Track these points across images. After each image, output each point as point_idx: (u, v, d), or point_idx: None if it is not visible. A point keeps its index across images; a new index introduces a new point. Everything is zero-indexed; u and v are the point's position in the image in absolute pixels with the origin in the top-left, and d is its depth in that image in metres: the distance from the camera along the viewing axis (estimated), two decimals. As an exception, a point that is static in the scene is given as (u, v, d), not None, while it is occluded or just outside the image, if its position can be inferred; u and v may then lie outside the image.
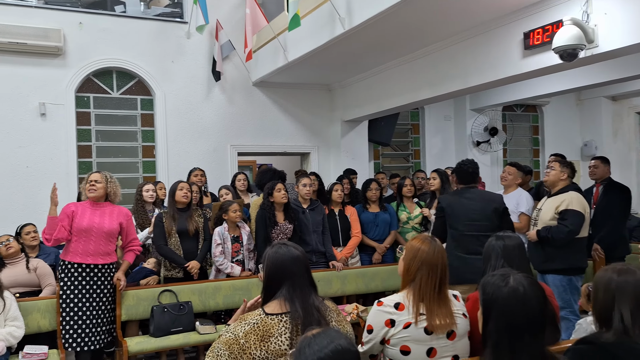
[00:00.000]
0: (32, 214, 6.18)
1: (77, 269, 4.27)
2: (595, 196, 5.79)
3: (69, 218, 4.27)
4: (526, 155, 10.19)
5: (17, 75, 6.49)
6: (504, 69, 5.17)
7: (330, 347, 1.61)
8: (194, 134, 7.41)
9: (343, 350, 1.61)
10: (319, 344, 1.62)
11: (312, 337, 1.66)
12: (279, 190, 5.12)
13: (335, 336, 1.66)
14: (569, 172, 4.70)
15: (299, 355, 1.64)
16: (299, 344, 1.68)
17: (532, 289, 1.81)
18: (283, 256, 2.30)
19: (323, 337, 1.65)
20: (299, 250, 2.36)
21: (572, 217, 4.42)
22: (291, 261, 2.29)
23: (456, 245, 4.35)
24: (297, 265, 2.29)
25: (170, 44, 7.28)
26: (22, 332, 4.12)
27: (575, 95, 10.09)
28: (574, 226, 4.42)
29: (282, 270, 2.28)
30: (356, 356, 1.65)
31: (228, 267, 5.03)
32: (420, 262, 2.46)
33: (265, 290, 2.32)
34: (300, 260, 2.31)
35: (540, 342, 1.76)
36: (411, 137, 9.37)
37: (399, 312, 2.41)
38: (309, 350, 1.62)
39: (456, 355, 2.45)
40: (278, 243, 2.40)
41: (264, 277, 2.36)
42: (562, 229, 4.43)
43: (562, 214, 4.47)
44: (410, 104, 6.75)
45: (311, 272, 2.37)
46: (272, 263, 2.32)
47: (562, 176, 4.67)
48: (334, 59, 6.48)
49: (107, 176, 4.44)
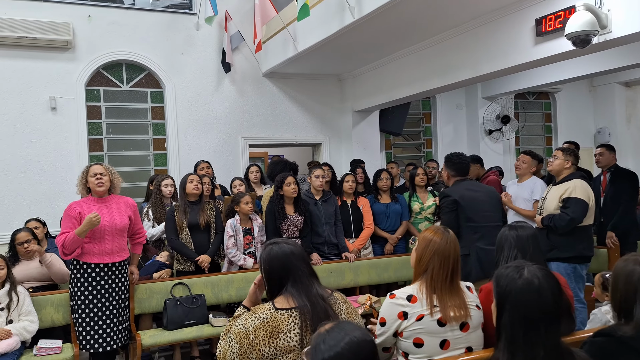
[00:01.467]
0: (44, 209, 6.26)
1: (95, 269, 4.12)
2: (603, 184, 5.75)
3: (77, 220, 4.01)
4: (539, 143, 10.09)
5: (27, 69, 6.51)
6: (515, 57, 5.10)
7: (346, 340, 1.60)
8: (204, 126, 7.41)
9: (359, 341, 1.61)
10: (334, 339, 1.61)
11: (326, 332, 1.65)
12: (289, 184, 5.09)
13: (349, 329, 1.65)
14: (572, 159, 4.68)
15: (314, 353, 1.63)
16: (314, 341, 1.67)
17: (547, 281, 1.78)
18: (277, 254, 2.31)
19: (337, 331, 1.64)
20: (292, 244, 2.37)
21: (574, 204, 4.41)
22: (286, 257, 2.29)
23: (480, 237, 4.26)
24: (294, 260, 2.29)
25: (179, 35, 7.27)
26: (36, 326, 4.13)
27: (588, 82, 9.97)
28: (576, 214, 4.40)
29: (280, 268, 2.29)
30: (372, 346, 1.64)
31: (240, 259, 5.03)
32: (433, 253, 2.45)
33: (269, 289, 2.34)
34: (295, 254, 2.31)
35: (556, 335, 1.73)
36: (423, 127, 9.32)
37: (411, 305, 2.40)
38: (324, 346, 1.61)
39: (469, 347, 2.44)
40: (269, 242, 2.40)
41: (263, 278, 2.36)
42: (564, 217, 4.43)
43: (565, 201, 4.47)
44: (422, 93, 6.69)
45: (310, 263, 2.38)
46: (268, 263, 2.33)
47: (566, 164, 4.65)
48: (344, 48, 6.43)
49: (109, 168, 4.24)
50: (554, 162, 4.70)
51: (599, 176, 5.88)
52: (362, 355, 1.60)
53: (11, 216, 6.26)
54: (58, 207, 6.30)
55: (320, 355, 1.60)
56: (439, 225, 2.63)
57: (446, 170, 4.59)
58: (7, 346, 3.83)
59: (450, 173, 4.55)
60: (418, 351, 2.38)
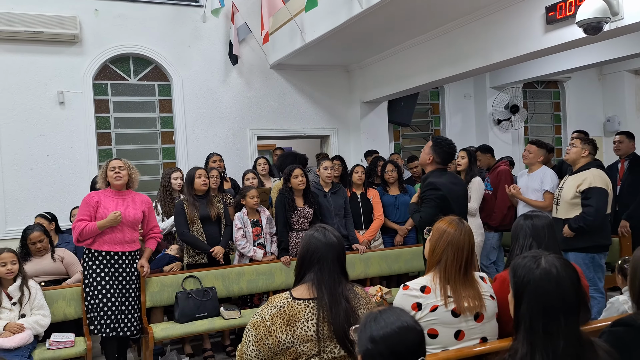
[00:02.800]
0: (54, 203, 6.27)
1: (105, 256, 4.29)
2: (620, 172, 5.69)
3: (94, 209, 4.25)
4: (548, 132, 10.03)
5: (35, 64, 6.52)
6: (525, 45, 5.05)
7: (397, 323, 1.63)
8: (212, 119, 7.40)
9: (409, 327, 1.63)
10: (385, 320, 1.64)
11: (379, 312, 1.68)
12: (296, 176, 5.08)
13: (401, 314, 1.68)
14: (590, 149, 4.58)
15: (363, 329, 1.65)
16: (364, 319, 1.69)
17: (566, 270, 1.76)
18: (317, 240, 2.27)
19: (390, 313, 1.67)
20: (336, 236, 2.31)
21: (595, 195, 4.33)
22: (324, 246, 2.25)
23: None
24: (330, 251, 2.25)
25: (186, 28, 7.24)
26: (49, 320, 4.16)
27: (597, 70, 9.88)
28: (599, 204, 4.33)
29: (313, 254, 2.26)
30: (421, 335, 1.67)
31: (250, 251, 5.03)
32: (446, 244, 2.43)
33: (297, 272, 2.32)
34: (333, 246, 2.27)
35: (575, 324, 1.71)
36: (431, 117, 9.27)
37: (425, 295, 2.38)
38: (375, 325, 1.64)
39: (484, 337, 2.42)
40: (318, 226, 2.36)
41: (297, 257, 2.34)
42: (589, 211, 4.33)
43: (585, 192, 4.37)
44: (430, 84, 6.65)
45: (345, 260, 2.32)
46: (305, 245, 2.30)
47: (583, 153, 4.56)
48: (352, 39, 6.40)
49: (128, 163, 4.46)
50: (571, 150, 4.61)
51: (615, 164, 5.81)
52: (409, 341, 1.62)
53: (21, 210, 6.30)
54: (67, 201, 6.32)
55: (369, 332, 1.63)
56: (453, 217, 2.60)
57: (431, 154, 4.15)
58: (20, 340, 3.84)
59: (436, 159, 4.14)
60: (433, 342, 2.37)
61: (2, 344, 3.76)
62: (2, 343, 3.77)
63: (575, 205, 4.45)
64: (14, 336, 3.85)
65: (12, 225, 6.29)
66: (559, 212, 4.60)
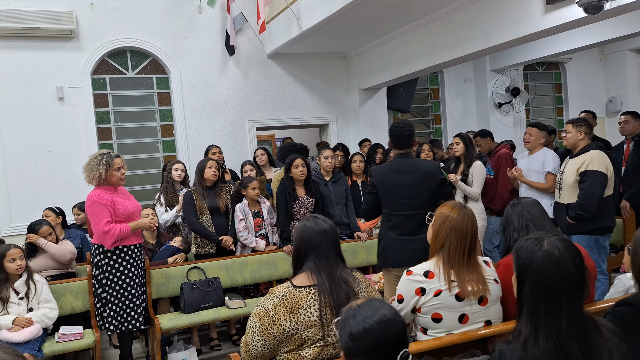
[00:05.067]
0: (57, 199, 6.28)
1: (128, 251, 4.25)
2: (626, 153, 5.64)
3: (112, 208, 4.12)
4: (549, 114, 9.99)
5: (33, 60, 6.50)
6: (525, 26, 5.00)
7: (375, 317, 1.61)
8: (211, 111, 7.38)
9: (388, 320, 1.61)
10: (363, 314, 1.62)
11: (357, 307, 1.66)
12: (297, 166, 5.07)
13: (379, 306, 1.65)
14: (585, 129, 4.52)
15: (343, 326, 1.64)
16: (343, 314, 1.68)
17: (568, 252, 1.76)
18: (310, 229, 2.34)
19: (367, 307, 1.65)
20: (328, 223, 2.38)
21: (591, 178, 4.30)
22: (317, 234, 2.32)
23: (391, 226, 3.94)
24: (323, 237, 2.31)
25: (182, 20, 7.20)
26: (56, 313, 4.19)
27: (598, 50, 9.82)
28: (593, 187, 4.29)
29: (308, 243, 2.32)
30: (402, 326, 1.65)
31: (253, 242, 5.05)
32: (449, 229, 2.44)
33: (294, 263, 2.38)
34: (326, 233, 2.33)
35: (578, 305, 1.71)
36: (431, 102, 9.24)
37: (429, 280, 2.39)
38: (354, 321, 1.62)
39: (488, 321, 2.43)
40: (308, 216, 2.43)
41: (293, 249, 2.40)
42: (581, 195, 4.32)
43: (582, 175, 4.35)
44: (429, 68, 6.61)
45: (340, 245, 2.38)
46: (299, 235, 2.36)
47: (579, 136, 4.51)
48: (349, 26, 6.36)
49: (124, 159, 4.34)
50: (567, 136, 4.56)
51: (621, 144, 5.75)
52: (390, 334, 1.60)
53: (25, 207, 6.32)
54: (70, 197, 6.34)
55: (348, 328, 1.62)
56: (456, 202, 2.61)
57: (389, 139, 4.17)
58: (29, 334, 3.89)
59: (392, 145, 4.13)
60: (437, 326, 2.39)
61: (11, 338, 3.81)
62: (12, 337, 3.82)
63: (577, 189, 4.43)
64: (23, 330, 3.90)
65: (16, 222, 6.32)
66: (562, 197, 4.58)
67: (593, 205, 4.29)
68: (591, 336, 1.69)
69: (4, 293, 4.02)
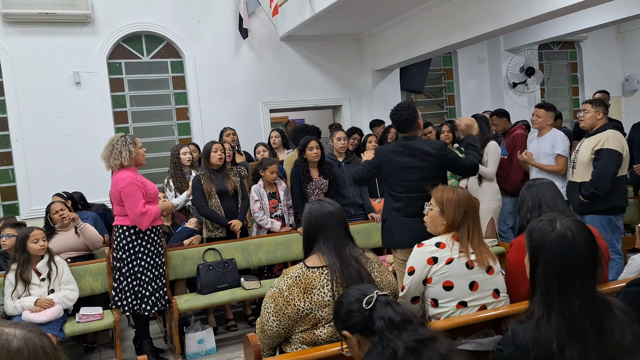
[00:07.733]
0: (75, 182, 6.40)
1: (158, 230, 4.32)
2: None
3: (143, 189, 4.14)
4: (565, 94, 9.89)
5: (50, 45, 6.57)
6: (540, 5, 4.96)
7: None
8: (225, 93, 7.42)
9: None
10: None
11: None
12: (311, 148, 5.10)
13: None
14: (602, 110, 4.52)
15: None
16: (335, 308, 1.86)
17: (581, 233, 1.77)
18: (316, 212, 2.39)
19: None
20: (333, 205, 2.43)
21: (605, 156, 4.29)
22: (324, 216, 2.37)
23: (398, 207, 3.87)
24: (330, 218, 2.36)
25: (195, 3, 7.21)
26: (77, 294, 4.29)
27: (614, 28, 9.67)
28: (607, 166, 4.28)
29: (316, 225, 2.37)
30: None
31: (268, 223, 5.10)
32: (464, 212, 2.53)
33: (305, 246, 2.43)
34: (333, 214, 2.38)
35: (591, 286, 1.73)
36: (445, 83, 9.18)
37: (441, 250, 2.48)
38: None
39: (497, 289, 2.52)
40: (314, 200, 2.49)
41: (302, 232, 2.45)
42: (594, 173, 4.32)
43: (597, 153, 4.35)
44: (442, 49, 6.57)
45: (347, 225, 2.44)
46: (306, 219, 2.42)
47: (597, 116, 4.50)
48: (362, 7, 6.32)
49: None
50: (585, 116, 4.53)
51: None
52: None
53: (45, 190, 6.40)
54: (88, 179, 6.45)
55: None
56: (453, 186, 2.69)
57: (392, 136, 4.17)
58: (51, 314, 3.98)
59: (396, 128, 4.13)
60: (448, 294, 2.46)
61: (34, 319, 3.90)
62: (34, 318, 3.91)
63: (591, 167, 4.42)
64: (45, 311, 3.99)
65: (36, 205, 6.42)
66: (575, 175, 4.57)
67: (606, 183, 4.28)
68: (603, 316, 1.70)
69: (26, 274, 4.11)
